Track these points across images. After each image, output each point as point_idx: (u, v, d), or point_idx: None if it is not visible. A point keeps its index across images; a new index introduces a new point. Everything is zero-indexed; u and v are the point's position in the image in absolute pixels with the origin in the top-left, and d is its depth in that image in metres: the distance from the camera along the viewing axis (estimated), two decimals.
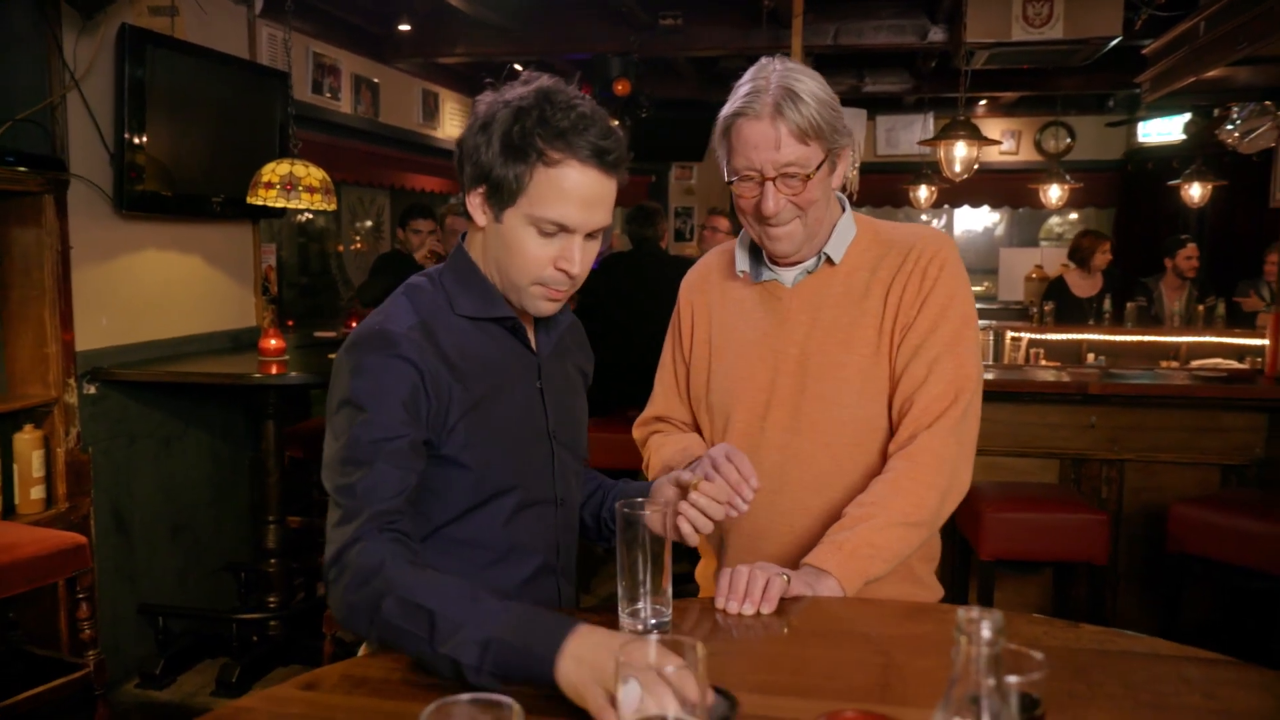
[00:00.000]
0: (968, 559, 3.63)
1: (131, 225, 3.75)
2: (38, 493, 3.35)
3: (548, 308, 1.44)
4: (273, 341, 3.87)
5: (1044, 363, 5.56)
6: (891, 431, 1.65)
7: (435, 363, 1.35)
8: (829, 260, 1.67)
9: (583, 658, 1.05)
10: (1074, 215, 9.73)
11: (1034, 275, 8.28)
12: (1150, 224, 8.48)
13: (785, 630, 1.33)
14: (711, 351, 1.78)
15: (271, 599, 3.89)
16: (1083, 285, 6.37)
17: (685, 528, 1.42)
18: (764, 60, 1.60)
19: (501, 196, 1.36)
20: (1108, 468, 3.82)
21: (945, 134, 4.33)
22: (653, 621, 1.29)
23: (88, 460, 3.53)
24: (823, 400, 1.64)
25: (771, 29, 5.27)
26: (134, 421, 3.77)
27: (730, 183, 1.62)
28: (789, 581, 1.43)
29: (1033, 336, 6.04)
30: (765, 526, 1.65)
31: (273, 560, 3.89)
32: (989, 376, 3.97)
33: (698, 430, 1.84)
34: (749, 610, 1.37)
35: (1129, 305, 6.21)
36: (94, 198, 3.57)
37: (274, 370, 3.67)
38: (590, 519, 1.68)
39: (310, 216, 6.21)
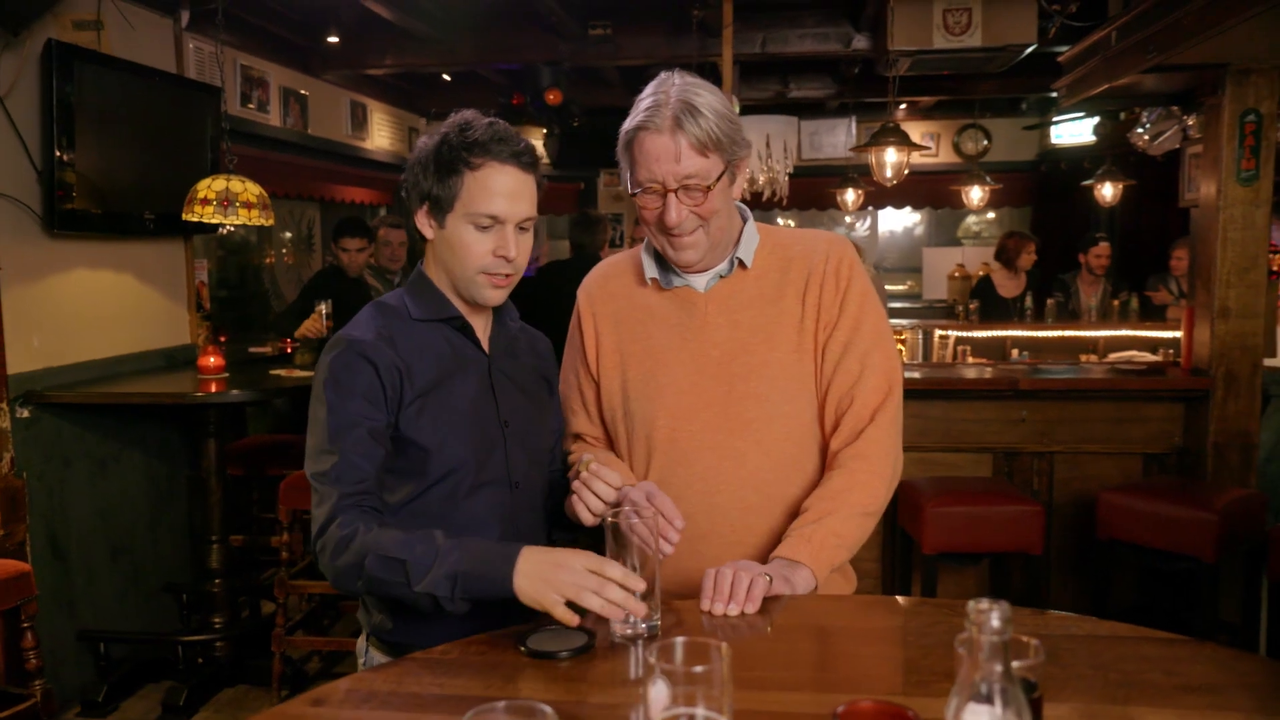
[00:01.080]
0: (909, 553, 3.75)
1: (62, 244, 3.66)
2: None
3: (495, 295, 1.63)
4: (212, 359, 3.81)
5: (971, 359, 5.74)
6: (819, 424, 1.72)
7: (390, 358, 1.56)
8: (741, 264, 1.72)
9: (532, 573, 1.33)
10: (991, 215, 10.05)
11: (957, 274, 8.54)
12: (1064, 222, 8.80)
13: (769, 629, 1.38)
14: (624, 360, 1.78)
15: (217, 619, 3.83)
16: (1008, 285, 6.58)
17: (579, 509, 1.56)
18: (664, 74, 1.63)
19: (441, 207, 1.60)
20: (1038, 460, 3.98)
21: (876, 140, 4.45)
22: (643, 625, 1.33)
23: (22, 486, 3.43)
24: (753, 398, 1.68)
25: (700, 38, 5.36)
26: (69, 444, 3.67)
27: (633, 195, 1.64)
28: (770, 581, 1.48)
29: (959, 334, 6.22)
30: (706, 528, 1.67)
31: (217, 580, 3.83)
32: (923, 375, 4.11)
33: (610, 444, 1.84)
34: (734, 611, 1.42)
35: (1048, 301, 6.45)
36: (22, 217, 3.48)
37: (214, 388, 3.62)
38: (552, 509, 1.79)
39: (231, 230, 6.10)
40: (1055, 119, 8.34)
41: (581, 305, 1.85)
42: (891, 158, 4.50)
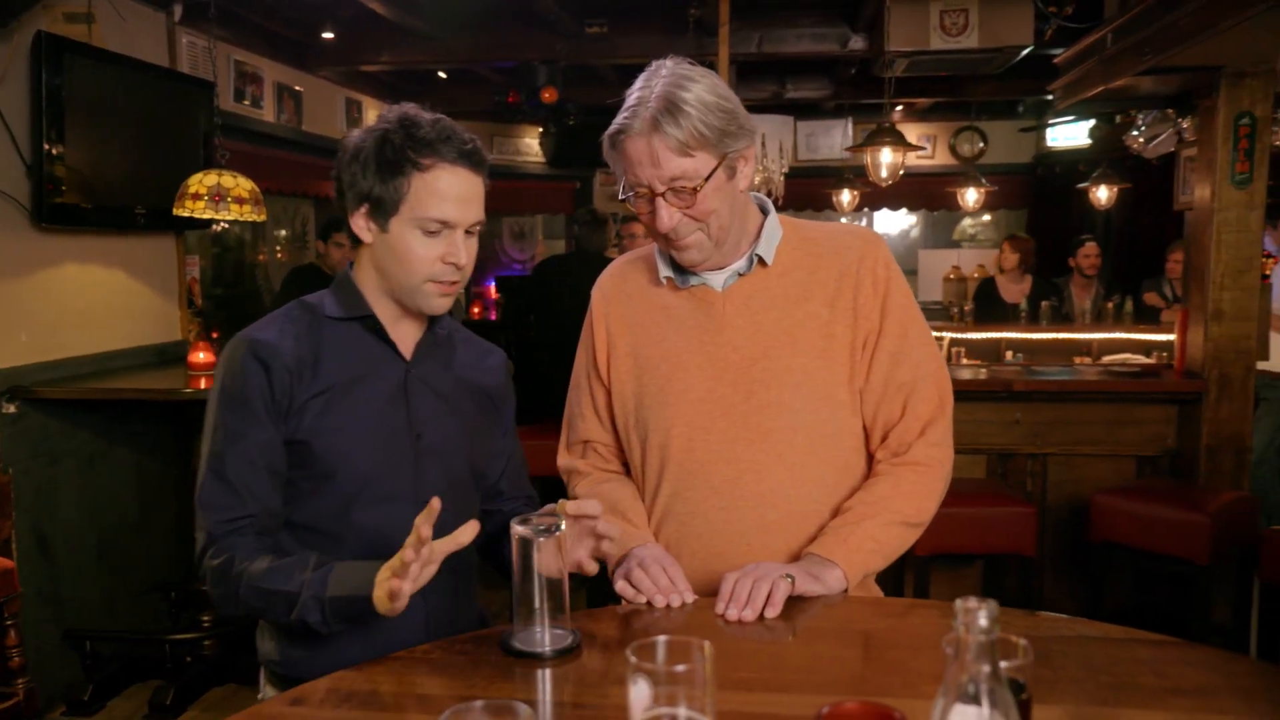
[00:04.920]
0: (903, 554, 3.73)
1: (50, 238, 3.64)
2: None
3: (441, 304, 1.55)
4: (201, 355, 3.79)
5: (965, 361, 5.74)
6: (848, 438, 1.61)
7: (285, 359, 1.49)
8: (761, 261, 1.61)
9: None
10: (987, 217, 10.03)
11: (952, 276, 8.53)
12: (1060, 225, 8.78)
13: (769, 630, 1.36)
14: (638, 365, 1.67)
15: (205, 618, 3.80)
16: (1011, 289, 6.55)
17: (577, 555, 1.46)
18: (655, 65, 1.52)
19: (385, 210, 1.50)
20: (1032, 462, 3.97)
21: (872, 140, 4.44)
22: (549, 648, 1.27)
23: (8, 481, 3.40)
24: (773, 407, 1.56)
25: (697, 36, 5.34)
26: (56, 440, 3.64)
27: (623, 200, 1.55)
28: (794, 582, 1.44)
29: (954, 336, 6.21)
30: (720, 546, 1.57)
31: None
32: None
33: (622, 452, 1.75)
34: (749, 616, 1.38)
35: (1043, 304, 6.44)
36: (9, 210, 3.45)
37: (204, 384, 3.59)
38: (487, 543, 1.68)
39: (226, 226, 6.07)
40: (1051, 122, 8.33)
41: (595, 306, 1.74)
42: (887, 158, 4.49)
